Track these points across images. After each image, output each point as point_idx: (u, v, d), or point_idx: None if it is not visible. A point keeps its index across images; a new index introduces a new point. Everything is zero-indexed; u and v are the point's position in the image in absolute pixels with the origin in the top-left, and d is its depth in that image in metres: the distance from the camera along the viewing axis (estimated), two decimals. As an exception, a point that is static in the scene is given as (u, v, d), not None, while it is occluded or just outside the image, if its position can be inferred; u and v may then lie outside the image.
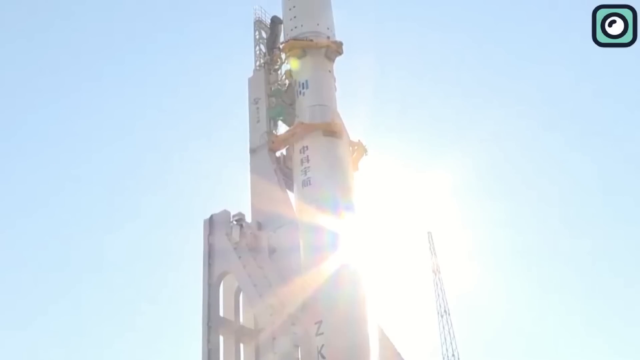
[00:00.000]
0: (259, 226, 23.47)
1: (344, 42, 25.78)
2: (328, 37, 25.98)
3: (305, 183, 23.12)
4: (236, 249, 22.40)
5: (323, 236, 21.43)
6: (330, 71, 25.88)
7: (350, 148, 24.71)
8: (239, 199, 25.26)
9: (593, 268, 72.09)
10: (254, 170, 24.97)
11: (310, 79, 25.43)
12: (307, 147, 23.90)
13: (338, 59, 25.88)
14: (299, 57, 25.73)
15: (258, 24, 28.36)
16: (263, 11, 28.61)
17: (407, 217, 58.19)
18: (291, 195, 23.80)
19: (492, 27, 60.67)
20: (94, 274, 68.19)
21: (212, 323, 21.97)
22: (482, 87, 59.66)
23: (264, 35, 28.23)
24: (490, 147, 55.58)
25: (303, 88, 25.32)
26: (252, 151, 25.30)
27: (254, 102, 26.25)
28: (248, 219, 23.79)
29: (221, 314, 22.71)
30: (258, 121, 25.75)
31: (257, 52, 27.71)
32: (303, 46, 25.81)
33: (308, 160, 23.66)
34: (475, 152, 56.80)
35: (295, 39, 26.26)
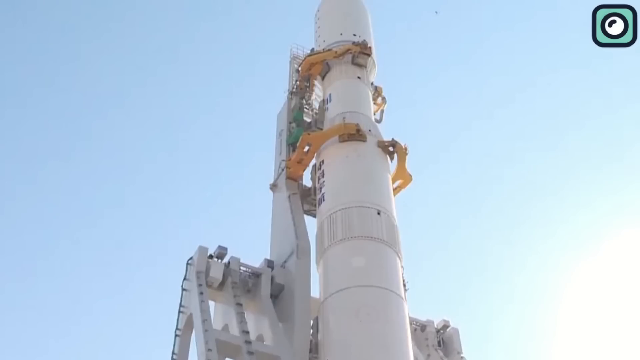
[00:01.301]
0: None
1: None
2: (354, 43, 23.97)
3: (320, 202, 20.34)
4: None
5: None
6: (360, 77, 23.53)
7: (382, 149, 21.30)
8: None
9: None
10: (276, 207, 21.89)
11: (333, 91, 23.46)
12: (323, 161, 21.17)
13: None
14: (324, 74, 24.13)
15: (295, 60, 26.55)
16: (301, 48, 26.98)
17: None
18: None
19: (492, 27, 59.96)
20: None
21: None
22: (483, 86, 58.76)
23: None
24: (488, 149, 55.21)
25: (326, 103, 23.40)
26: (273, 186, 22.29)
27: (279, 135, 23.92)
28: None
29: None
30: (280, 153, 23.11)
31: (291, 89, 25.45)
32: (320, 59, 24.13)
33: (323, 175, 20.82)
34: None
35: (311, 54, 24.89)
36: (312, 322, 18.52)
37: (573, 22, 49.90)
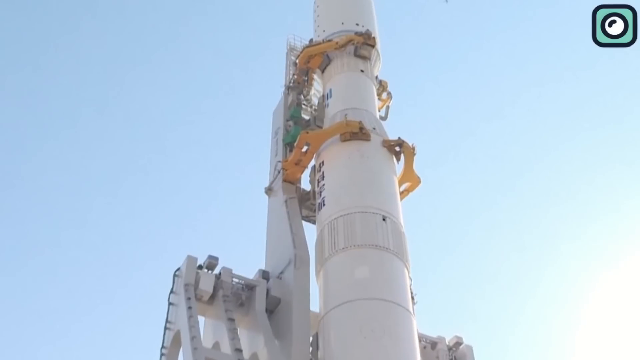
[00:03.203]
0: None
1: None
2: (356, 33, 23.54)
3: (320, 207, 19.94)
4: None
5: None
6: (363, 70, 23.16)
7: (387, 149, 20.96)
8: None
9: None
10: (272, 213, 21.59)
11: (334, 85, 23.02)
12: (323, 162, 20.76)
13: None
14: (325, 68, 23.88)
15: (292, 52, 26.30)
16: (298, 38, 26.63)
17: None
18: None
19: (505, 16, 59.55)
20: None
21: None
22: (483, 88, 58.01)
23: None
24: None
25: (327, 99, 22.97)
26: (269, 190, 21.95)
27: (274, 134, 23.44)
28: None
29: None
30: (276, 153, 22.63)
31: (288, 84, 25.10)
32: (320, 50, 23.73)
33: (323, 178, 20.38)
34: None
35: (310, 45, 24.48)
36: (311, 338, 18.21)
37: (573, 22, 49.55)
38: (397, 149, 21.34)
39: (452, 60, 59.89)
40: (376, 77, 24.28)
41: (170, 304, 19.21)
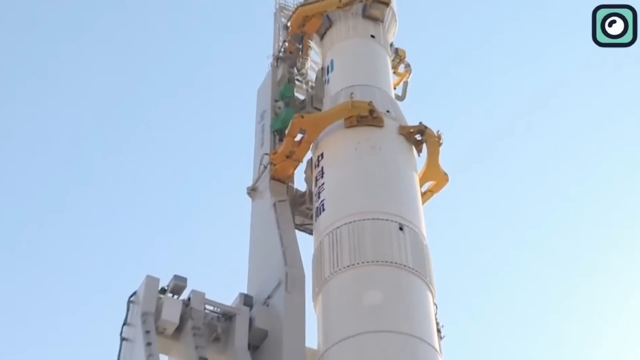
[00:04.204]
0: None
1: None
2: None
3: (318, 212, 17.95)
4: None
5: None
6: (374, 36, 21.46)
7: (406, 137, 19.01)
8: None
9: None
10: (256, 220, 19.75)
11: (336, 55, 21.26)
12: (322, 154, 18.74)
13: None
14: (324, 33, 22.19)
15: (282, 12, 24.97)
16: None
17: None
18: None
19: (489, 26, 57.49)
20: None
21: None
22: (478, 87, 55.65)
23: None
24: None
25: (327, 73, 21.25)
26: (252, 191, 20.12)
27: (260, 118, 21.79)
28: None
29: None
30: (262, 144, 20.96)
31: (277, 54, 23.57)
32: (318, 10, 21.83)
33: (323, 175, 18.41)
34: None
35: (305, 4, 22.49)
36: (307, 383, 16.29)
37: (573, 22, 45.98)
38: (418, 137, 19.25)
39: (490, 19, 53.73)
40: (391, 44, 22.26)
41: (123, 339, 17.23)
